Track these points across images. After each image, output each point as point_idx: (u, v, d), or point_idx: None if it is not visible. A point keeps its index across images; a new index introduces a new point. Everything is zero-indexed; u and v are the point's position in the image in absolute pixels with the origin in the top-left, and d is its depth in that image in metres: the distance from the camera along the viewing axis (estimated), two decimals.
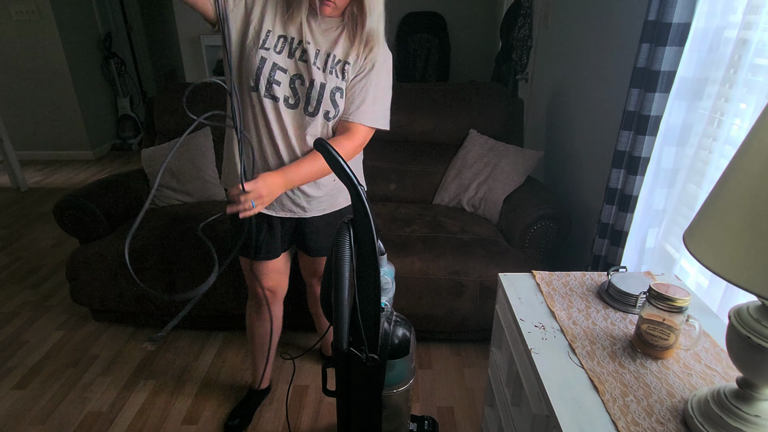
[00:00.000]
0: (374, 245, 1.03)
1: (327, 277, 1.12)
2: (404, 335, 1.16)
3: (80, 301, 2.07)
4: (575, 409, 0.84)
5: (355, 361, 1.11)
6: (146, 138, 2.57)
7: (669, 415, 0.82)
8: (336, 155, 0.99)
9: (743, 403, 0.75)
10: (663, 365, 0.94)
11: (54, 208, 2.03)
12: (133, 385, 1.89)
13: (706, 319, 1.08)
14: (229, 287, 1.97)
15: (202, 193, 2.40)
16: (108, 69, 4.76)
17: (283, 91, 1.23)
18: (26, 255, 2.87)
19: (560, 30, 2.46)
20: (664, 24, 1.21)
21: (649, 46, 1.28)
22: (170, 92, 2.49)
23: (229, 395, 1.84)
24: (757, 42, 1.07)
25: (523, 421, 1.03)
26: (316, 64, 1.22)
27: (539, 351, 0.98)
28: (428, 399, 1.82)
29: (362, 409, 1.18)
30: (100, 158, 4.67)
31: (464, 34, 4.35)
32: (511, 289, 1.19)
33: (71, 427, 1.70)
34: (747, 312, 0.71)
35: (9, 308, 2.37)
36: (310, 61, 1.21)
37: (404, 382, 1.23)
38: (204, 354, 2.05)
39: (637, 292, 1.09)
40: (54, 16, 4.05)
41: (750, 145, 0.62)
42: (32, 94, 4.33)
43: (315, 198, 1.38)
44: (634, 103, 1.34)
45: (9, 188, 3.93)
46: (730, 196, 0.64)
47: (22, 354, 2.06)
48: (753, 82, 1.10)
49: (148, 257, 1.98)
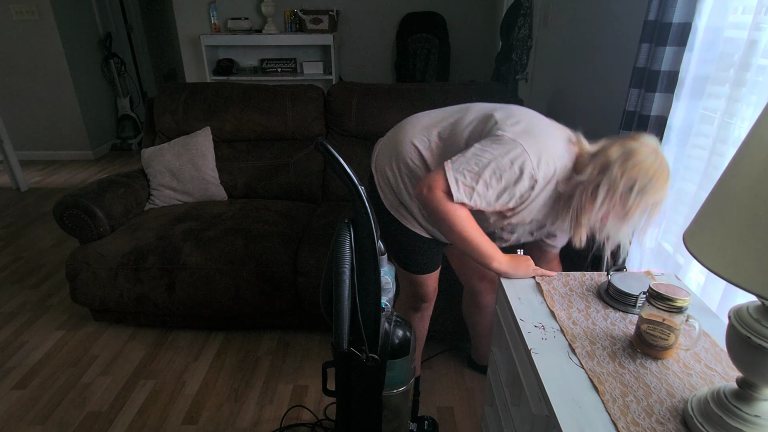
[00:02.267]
0: (374, 245, 1.03)
1: (327, 277, 1.12)
2: (404, 335, 1.16)
3: (80, 301, 2.07)
4: (575, 409, 0.84)
5: (356, 361, 1.11)
6: (146, 138, 2.57)
7: (669, 415, 0.82)
8: (336, 155, 0.99)
9: (743, 403, 0.75)
10: (663, 365, 0.94)
11: (54, 208, 2.03)
12: (133, 385, 1.89)
13: (706, 319, 1.08)
14: (229, 287, 1.98)
15: (202, 193, 2.40)
16: (108, 69, 4.76)
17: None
18: (26, 255, 2.87)
19: (560, 30, 2.46)
20: (664, 24, 1.21)
21: (649, 46, 1.28)
22: (170, 92, 2.49)
23: (229, 395, 1.84)
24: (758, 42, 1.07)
25: (523, 421, 1.03)
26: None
27: (539, 351, 0.98)
28: (428, 399, 1.82)
29: (362, 409, 1.18)
30: (100, 158, 4.67)
31: (464, 34, 4.35)
32: (511, 289, 1.19)
33: (71, 427, 1.70)
34: (747, 312, 0.71)
35: (9, 308, 2.37)
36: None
37: (404, 382, 1.23)
38: (204, 354, 2.05)
39: (637, 292, 1.09)
40: (54, 16, 4.05)
41: (750, 145, 0.62)
42: (32, 94, 4.33)
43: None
44: (634, 103, 1.34)
45: (9, 188, 3.93)
46: (730, 196, 0.64)
47: (22, 354, 2.06)
48: (754, 82, 1.10)
49: (148, 257, 1.98)
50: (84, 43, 4.48)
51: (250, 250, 1.98)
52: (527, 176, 1.14)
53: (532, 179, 1.14)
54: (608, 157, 1.09)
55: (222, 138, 2.49)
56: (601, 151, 1.12)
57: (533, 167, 1.13)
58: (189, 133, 2.46)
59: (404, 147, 1.36)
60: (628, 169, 1.06)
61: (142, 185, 2.38)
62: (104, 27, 4.74)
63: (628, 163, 1.06)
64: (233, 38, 4.13)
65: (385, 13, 4.26)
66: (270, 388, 1.87)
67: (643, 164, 1.06)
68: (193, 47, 4.33)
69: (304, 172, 2.47)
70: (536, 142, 1.15)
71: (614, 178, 1.07)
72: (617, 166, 1.07)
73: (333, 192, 2.50)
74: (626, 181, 1.06)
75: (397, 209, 1.40)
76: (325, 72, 4.26)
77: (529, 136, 1.16)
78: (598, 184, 1.09)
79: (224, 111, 2.44)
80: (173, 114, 2.46)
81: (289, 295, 2.00)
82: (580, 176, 1.13)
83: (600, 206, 1.10)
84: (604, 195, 1.09)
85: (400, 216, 1.40)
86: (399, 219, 1.40)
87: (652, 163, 1.06)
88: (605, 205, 1.10)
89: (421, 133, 1.35)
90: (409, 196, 1.36)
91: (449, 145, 1.29)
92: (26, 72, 4.25)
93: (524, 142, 1.14)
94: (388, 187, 1.40)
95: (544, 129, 1.19)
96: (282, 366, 1.98)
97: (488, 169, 1.13)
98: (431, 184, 1.17)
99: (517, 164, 1.13)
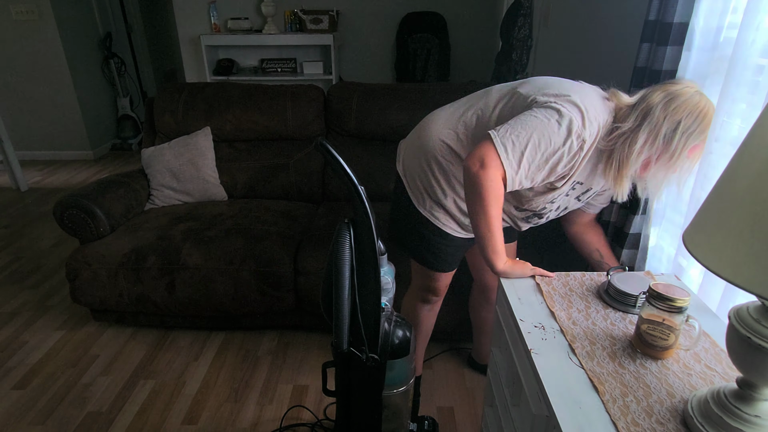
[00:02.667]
0: (374, 245, 1.03)
1: (327, 277, 1.12)
2: (404, 335, 1.16)
3: (80, 301, 2.07)
4: (575, 410, 0.84)
5: (355, 361, 1.11)
6: (146, 138, 2.57)
7: (669, 415, 0.82)
8: (336, 155, 0.99)
9: (743, 404, 0.75)
10: (663, 365, 0.94)
11: (54, 208, 2.03)
12: (133, 385, 1.89)
13: (706, 319, 1.08)
14: (229, 287, 1.97)
15: (202, 193, 2.40)
16: (108, 69, 4.76)
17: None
18: (26, 255, 2.87)
19: (560, 30, 2.46)
20: (664, 24, 1.21)
21: (649, 46, 1.28)
22: (170, 92, 2.49)
23: (229, 395, 1.84)
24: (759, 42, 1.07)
25: (523, 421, 1.03)
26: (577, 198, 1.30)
27: (539, 351, 0.98)
28: (428, 399, 1.82)
29: (362, 409, 1.18)
30: (100, 158, 4.67)
31: (464, 34, 4.35)
32: (511, 289, 1.19)
33: (71, 427, 1.70)
34: (747, 312, 0.71)
35: (9, 308, 2.37)
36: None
37: (404, 382, 1.23)
38: (204, 354, 2.05)
39: (637, 292, 1.09)
40: (54, 16, 4.05)
41: (750, 145, 0.62)
42: (32, 94, 4.33)
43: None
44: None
45: (9, 188, 3.92)
46: (730, 196, 0.63)
47: (22, 354, 2.06)
48: (754, 82, 1.09)
49: (149, 257, 1.98)
50: (84, 43, 4.48)
51: (250, 250, 1.98)
52: (575, 136, 1.10)
53: (580, 139, 1.11)
54: (650, 103, 1.07)
55: (222, 138, 2.49)
56: (642, 98, 1.10)
57: (579, 126, 1.10)
58: (189, 133, 2.46)
59: (432, 144, 1.34)
60: (671, 111, 1.04)
61: (142, 185, 2.38)
62: (104, 27, 4.74)
63: (671, 106, 1.04)
64: (233, 38, 4.13)
65: (385, 13, 4.26)
66: (270, 388, 1.87)
67: (688, 104, 1.04)
68: (193, 47, 4.33)
69: (304, 172, 2.47)
70: (576, 102, 1.12)
71: (656, 121, 1.05)
72: (659, 110, 1.05)
73: (333, 192, 2.50)
74: (669, 123, 1.04)
75: (430, 210, 1.38)
76: (325, 72, 4.26)
77: (567, 97, 1.13)
78: (639, 131, 1.07)
79: (224, 111, 2.44)
80: (173, 114, 2.46)
81: (289, 295, 2.00)
82: (623, 126, 1.10)
83: (639, 152, 1.08)
84: (644, 140, 1.07)
85: (433, 217, 1.38)
86: (431, 220, 1.38)
87: (697, 103, 1.04)
88: (645, 151, 1.08)
89: (445, 128, 1.33)
90: (443, 194, 1.34)
91: (479, 131, 1.27)
92: (26, 72, 4.25)
93: (564, 104, 1.12)
94: (420, 187, 1.38)
95: (577, 88, 1.16)
96: (282, 366, 1.98)
97: (535, 134, 1.10)
98: (483, 158, 1.11)
99: (564, 125, 1.10)
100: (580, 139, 1.11)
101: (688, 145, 1.06)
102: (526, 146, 1.10)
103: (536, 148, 1.11)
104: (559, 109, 1.11)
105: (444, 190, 1.34)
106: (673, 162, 1.09)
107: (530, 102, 1.17)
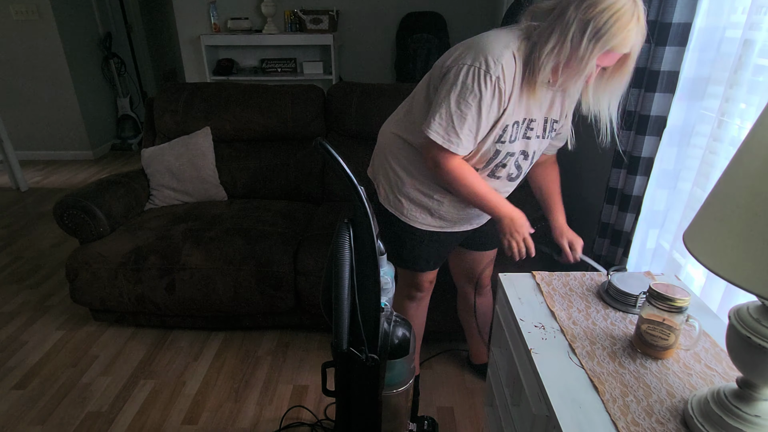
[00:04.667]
0: (374, 245, 1.03)
1: (327, 277, 1.12)
2: (404, 335, 1.16)
3: (80, 301, 2.07)
4: (575, 409, 0.84)
5: (355, 361, 1.10)
6: (146, 138, 2.57)
7: (669, 415, 0.82)
8: (336, 155, 0.99)
9: (743, 403, 0.75)
10: (663, 365, 0.94)
11: (54, 208, 2.03)
12: (133, 385, 1.89)
13: (706, 319, 1.08)
14: (229, 287, 1.97)
15: (202, 193, 2.40)
16: (108, 69, 4.76)
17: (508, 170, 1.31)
18: (26, 255, 2.87)
19: None
20: (664, 24, 1.21)
21: (649, 46, 1.28)
22: (170, 92, 2.49)
23: (229, 395, 1.84)
24: (760, 42, 1.07)
25: (523, 421, 1.03)
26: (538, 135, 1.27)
27: (539, 351, 0.98)
28: (428, 399, 1.82)
29: (362, 409, 1.17)
30: (100, 158, 4.67)
31: (464, 34, 4.34)
32: (511, 289, 1.19)
33: (71, 427, 1.70)
34: (747, 312, 0.71)
35: (9, 308, 2.37)
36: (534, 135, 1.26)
37: (404, 382, 1.23)
38: (204, 354, 2.05)
39: (637, 292, 1.09)
40: (54, 16, 4.05)
41: (750, 145, 0.62)
42: (32, 95, 4.33)
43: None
44: (634, 103, 1.34)
45: (9, 188, 3.92)
46: (730, 196, 0.63)
47: (22, 354, 2.06)
48: (754, 82, 1.09)
49: (148, 257, 1.98)
50: (84, 43, 4.47)
51: (250, 250, 1.98)
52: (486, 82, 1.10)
53: (491, 82, 1.10)
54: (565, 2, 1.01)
55: (222, 138, 2.49)
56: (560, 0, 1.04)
57: (483, 71, 1.10)
58: (189, 133, 2.46)
59: (386, 139, 1.41)
60: (582, 10, 0.96)
61: (142, 185, 2.38)
62: (104, 27, 4.74)
63: (584, 4, 0.97)
64: (233, 38, 4.13)
65: (385, 13, 4.26)
66: (270, 388, 1.87)
67: (602, 3, 0.95)
68: (193, 47, 4.33)
69: (304, 172, 2.47)
70: (472, 52, 1.13)
71: (566, 21, 0.98)
72: (572, 9, 0.98)
73: (333, 192, 2.50)
74: (579, 24, 0.97)
75: (395, 205, 1.41)
76: (325, 72, 4.26)
77: (462, 53, 1.15)
78: (551, 32, 1.02)
79: (224, 111, 2.44)
80: (173, 114, 2.46)
81: (289, 295, 2.00)
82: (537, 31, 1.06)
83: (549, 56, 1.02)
84: (554, 43, 1.01)
85: (401, 214, 1.41)
86: (401, 218, 1.41)
87: (613, 4, 0.95)
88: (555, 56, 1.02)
89: (393, 121, 1.41)
90: (401, 182, 1.37)
91: (418, 116, 1.31)
92: (26, 72, 4.25)
93: (461, 60, 1.13)
94: (384, 183, 1.42)
95: (476, 39, 1.17)
96: (282, 366, 1.98)
97: (452, 104, 1.14)
98: (433, 157, 1.21)
99: (470, 79, 1.11)
100: (491, 81, 1.11)
101: (597, 50, 0.99)
102: (455, 120, 1.15)
103: (462, 116, 1.14)
104: (462, 67, 1.12)
105: (401, 178, 1.37)
106: (582, 69, 1.02)
107: (443, 70, 1.19)
